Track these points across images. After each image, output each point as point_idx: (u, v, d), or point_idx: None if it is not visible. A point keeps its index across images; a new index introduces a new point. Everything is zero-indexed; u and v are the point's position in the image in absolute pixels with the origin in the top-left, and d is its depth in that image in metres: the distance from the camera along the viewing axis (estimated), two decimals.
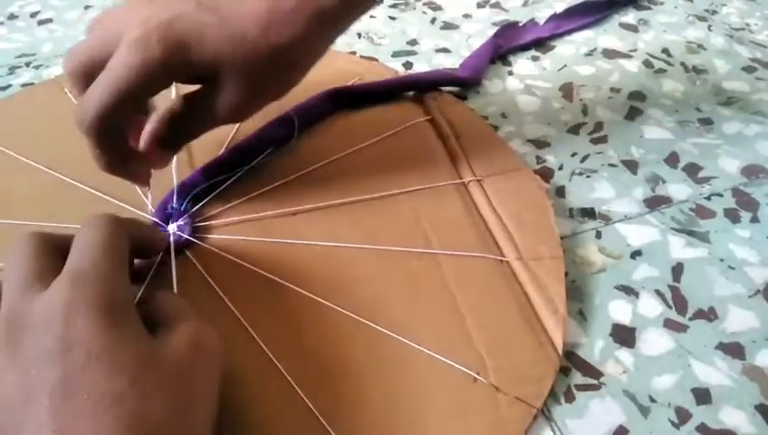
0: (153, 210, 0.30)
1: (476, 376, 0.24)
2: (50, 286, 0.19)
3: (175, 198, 0.30)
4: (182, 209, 0.29)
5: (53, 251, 0.21)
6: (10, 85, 0.40)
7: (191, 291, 0.26)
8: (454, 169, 0.33)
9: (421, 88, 0.38)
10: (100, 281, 0.19)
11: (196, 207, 0.30)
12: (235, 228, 0.29)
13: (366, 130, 0.35)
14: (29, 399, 0.17)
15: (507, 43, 0.43)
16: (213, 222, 0.30)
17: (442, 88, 0.39)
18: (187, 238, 0.28)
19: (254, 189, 0.31)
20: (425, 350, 0.25)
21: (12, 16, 0.48)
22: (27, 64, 0.42)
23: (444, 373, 0.24)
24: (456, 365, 0.24)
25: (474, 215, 0.30)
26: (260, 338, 0.25)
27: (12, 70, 0.42)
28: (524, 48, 0.44)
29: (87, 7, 0.49)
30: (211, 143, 0.33)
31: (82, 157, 0.32)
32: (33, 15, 0.48)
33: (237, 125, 0.35)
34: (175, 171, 0.32)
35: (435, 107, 0.37)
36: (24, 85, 0.40)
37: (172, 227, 0.29)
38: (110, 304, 0.19)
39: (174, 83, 0.26)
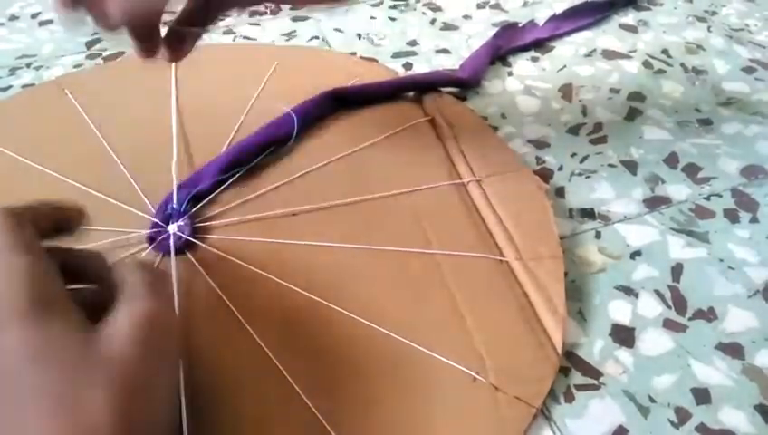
0: (153, 211, 0.30)
1: (476, 376, 0.24)
2: None
3: (175, 198, 0.30)
4: (182, 210, 0.29)
5: None
6: (11, 86, 0.40)
7: (191, 291, 0.26)
8: (453, 169, 0.33)
9: (421, 88, 0.38)
10: (18, 286, 0.17)
11: (196, 208, 0.30)
12: (235, 229, 0.29)
13: (365, 131, 0.35)
14: None
15: (507, 44, 0.43)
16: (213, 223, 0.30)
17: (441, 89, 0.39)
18: (187, 239, 0.28)
19: (254, 190, 0.31)
20: (424, 350, 0.25)
21: (13, 17, 0.48)
22: (28, 65, 0.42)
23: (443, 373, 0.24)
24: (456, 365, 0.24)
25: (473, 215, 0.30)
26: (260, 338, 0.25)
27: (12, 71, 0.42)
28: (524, 49, 0.44)
29: None
30: (211, 143, 0.33)
31: (82, 158, 0.32)
32: (33, 16, 0.48)
33: (237, 126, 0.35)
34: (175, 171, 0.32)
35: (434, 107, 0.37)
36: (24, 86, 0.40)
37: (172, 228, 0.29)
38: (38, 303, 0.17)
39: None
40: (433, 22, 0.47)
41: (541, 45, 0.44)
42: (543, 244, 0.29)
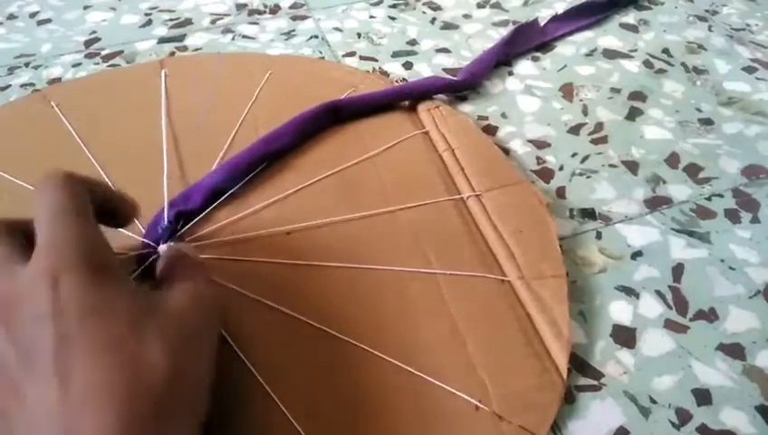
0: (143, 230, 0.28)
1: (478, 404, 0.23)
2: (29, 262, 0.18)
3: (165, 217, 0.28)
4: (173, 229, 0.28)
5: (16, 232, 0.20)
6: (9, 86, 0.40)
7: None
8: (452, 183, 0.32)
9: (417, 97, 0.37)
10: (77, 243, 0.19)
11: (188, 227, 0.29)
12: (227, 248, 0.28)
13: (360, 145, 0.34)
14: (27, 359, 0.17)
15: (513, 50, 0.43)
16: (205, 242, 0.29)
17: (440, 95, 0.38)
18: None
19: (247, 207, 0.30)
20: (424, 376, 0.24)
21: (11, 16, 0.48)
22: (26, 65, 0.42)
23: (444, 401, 0.23)
24: (457, 393, 0.23)
25: (473, 232, 0.30)
26: (252, 364, 0.24)
27: (11, 70, 0.42)
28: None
29: (86, 7, 0.48)
30: (202, 158, 0.32)
31: None
32: (32, 16, 0.48)
33: (229, 140, 0.34)
34: (166, 188, 0.30)
35: (430, 119, 0.36)
36: (23, 85, 0.40)
37: (162, 249, 0.27)
38: (94, 261, 0.19)
39: None
40: (433, 21, 0.47)
41: (541, 45, 0.44)
42: (546, 261, 0.28)
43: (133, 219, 0.24)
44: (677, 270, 0.29)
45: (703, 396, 0.25)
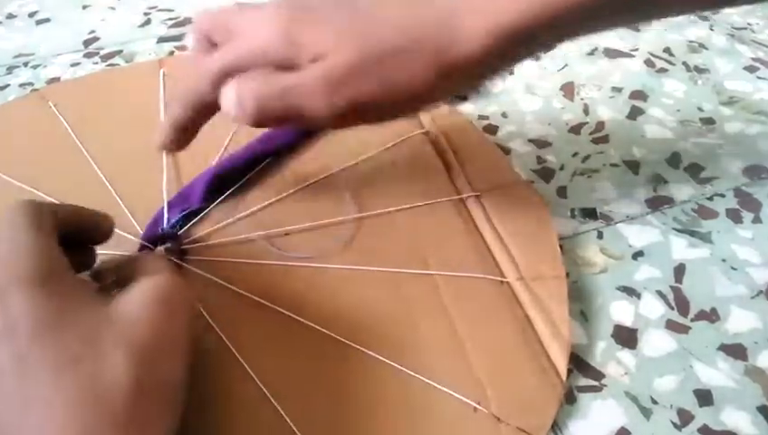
0: (140, 231, 0.28)
1: (477, 406, 0.23)
2: None
3: (165, 218, 0.28)
4: (170, 230, 0.28)
5: None
6: (8, 85, 0.40)
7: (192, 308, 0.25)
8: (451, 184, 0.32)
9: None
10: (24, 258, 0.18)
11: (186, 228, 0.29)
12: (225, 250, 0.28)
13: (360, 145, 0.33)
14: None
15: None
16: (203, 243, 0.28)
17: None
18: (175, 261, 0.27)
19: (246, 207, 0.30)
20: (422, 378, 0.24)
21: (10, 16, 0.48)
22: (25, 64, 0.42)
23: (443, 403, 0.23)
24: (456, 395, 0.23)
25: (472, 232, 0.29)
26: (248, 365, 0.24)
27: (10, 69, 0.41)
28: None
29: (85, 7, 0.48)
30: (201, 158, 0.32)
31: (65, 174, 0.30)
32: (31, 15, 0.48)
33: (228, 139, 0.33)
34: (165, 189, 0.30)
35: (430, 119, 0.35)
36: (21, 85, 0.40)
37: (160, 250, 0.27)
38: (44, 274, 0.18)
39: None
40: None
41: None
42: (545, 262, 0.28)
43: (110, 234, 0.24)
44: (679, 270, 0.29)
45: (704, 396, 0.24)
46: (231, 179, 0.31)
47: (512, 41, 0.23)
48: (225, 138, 0.34)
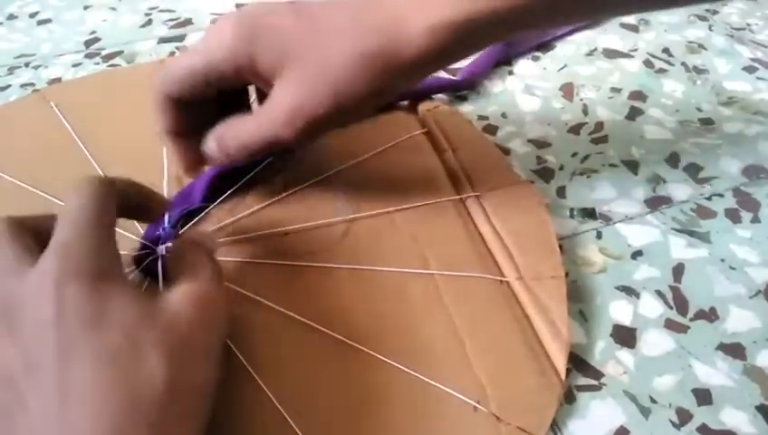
0: (141, 230, 0.28)
1: (477, 405, 0.23)
2: (38, 262, 0.19)
3: (167, 217, 0.28)
4: (172, 229, 0.28)
5: (28, 232, 0.21)
6: (9, 85, 0.40)
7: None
8: (451, 184, 0.32)
9: (416, 97, 0.37)
10: (86, 252, 0.19)
11: (187, 227, 0.29)
12: (225, 249, 0.28)
13: (360, 145, 0.33)
14: (29, 367, 0.17)
15: (513, 50, 0.43)
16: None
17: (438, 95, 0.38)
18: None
19: (246, 207, 0.30)
20: (422, 377, 0.24)
21: (11, 17, 0.48)
22: (26, 65, 0.42)
23: (442, 402, 0.23)
24: (456, 394, 0.23)
25: (472, 232, 0.29)
26: (248, 362, 0.24)
27: (11, 70, 0.42)
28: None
29: (86, 7, 0.49)
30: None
31: (66, 174, 0.29)
32: (32, 16, 0.48)
33: None
34: (165, 189, 0.30)
35: (430, 119, 0.35)
36: (23, 85, 0.40)
37: (161, 249, 0.27)
38: (98, 271, 0.19)
39: None
40: None
41: (541, 44, 0.44)
42: (545, 262, 0.28)
43: (162, 215, 0.26)
44: (678, 270, 0.29)
45: (703, 396, 0.25)
46: (231, 179, 0.31)
47: (454, 36, 0.24)
48: None
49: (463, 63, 0.41)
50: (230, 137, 0.26)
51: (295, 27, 0.24)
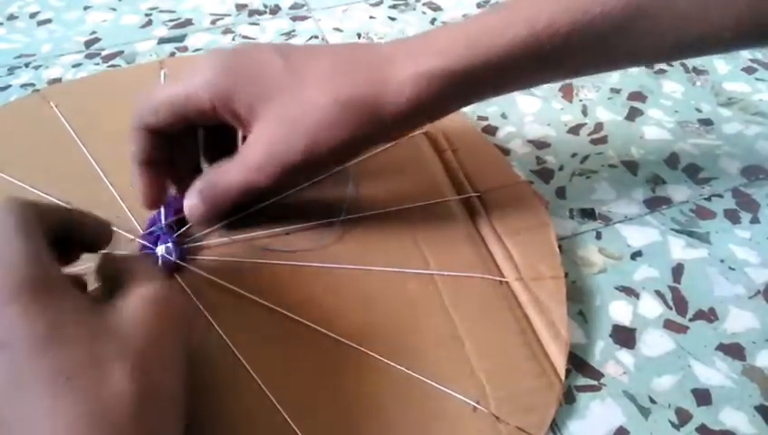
0: (140, 230, 0.28)
1: (476, 405, 0.23)
2: None
3: (163, 217, 0.28)
4: (170, 230, 0.28)
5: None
6: (9, 86, 0.40)
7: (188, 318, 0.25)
8: (451, 184, 0.32)
9: None
10: (18, 264, 0.17)
11: (186, 228, 0.29)
12: (225, 250, 0.28)
13: None
14: None
15: None
16: (203, 243, 0.29)
17: None
18: (175, 261, 0.27)
19: (245, 208, 0.30)
20: (421, 377, 0.24)
21: (11, 17, 0.48)
22: (26, 65, 0.42)
23: (442, 402, 0.23)
24: (455, 394, 0.23)
25: (472, 233, 0.30)
26: (251, 367, 0.24)
27: (11, 70, 0.42)
28: None
29: (86, 8, 0.49)
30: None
31: (66, 174, 0.30)
32: (32, 16, 0.48)
33: None
34: None
35: None
36: (23, 86, 0.40)
37: (160, 250, 0.27)
38: (38, 283, 0.17)
39: None
40: (433, 21, 0.47)
41: None
42: (544, 262, 0.28)
43: (109, 241, 0.23)
44: (677, 270, 0.29)
45: (702, 396, 0.25)
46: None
47: (445, 86, 0.23)
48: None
49: None
50: (208, 188, 0.26)
51: (278, 70, 0.24)
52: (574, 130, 0.37)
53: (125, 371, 0.17)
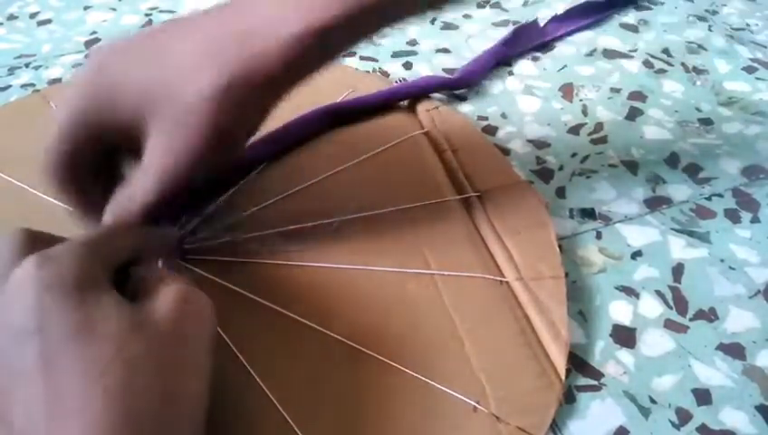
0: None
1: (476, 405, 0.23)
2: (16, 269, 0.18)
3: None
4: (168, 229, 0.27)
5: (40, 247, 0.20)
6: (10, 86, 0.40)
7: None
8: (451, 184, 0.32)
9: (414, 96, 0.37)
10: (67, 257, 0.18)
11: (185, 229, 0.29)
12: (226, 250, 0.28)
13: (359, 146, 0.33)
14: (13, 374, 0.17)
15: (513, 50, 0.43)
16: (203, 244, 0.28)
17: (438, 94, 0.38)
18: (178, 262, 0.27)
19: (245, 208, 0.30)
20: (421, 377, 0.24)
21: (11, 17, 0.48)
22: (27, 65, 0.42)
23: (442, 402, 0.23)
24: (455, 394, 0.23)
25: (472, 232, 0.29)
26: (252, 367, 0.24)
27: (11, 70, 0.42)
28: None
29: (86, 8, 0.49)
30: None
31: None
32: (32, 16, 0.48)
33: None
34: None
35: (430, 119, 0.35)
36: (23, 86, 0.40)
37: None
38: (81, 278, 0.18)
39: None
40: (433, 21, 0.47)
41: (541, 45, 0.44)
42: (544, 262, 0.28)
43: (169, 249, 0.25)
44: (677, 270, 0.29)
45: (703, 396, 0.25)
46: (231, 180, 0.31)
47: (319, 42, 0.22)
48: None
49: (462, 63, 0.41)
50: (119, 210, 0.24)
51: (152, 73, 0.22)
52: (574, 129, 0.37)
53: (152, 369, 0.17)
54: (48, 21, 0.47)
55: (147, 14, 0.47)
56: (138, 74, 0.22)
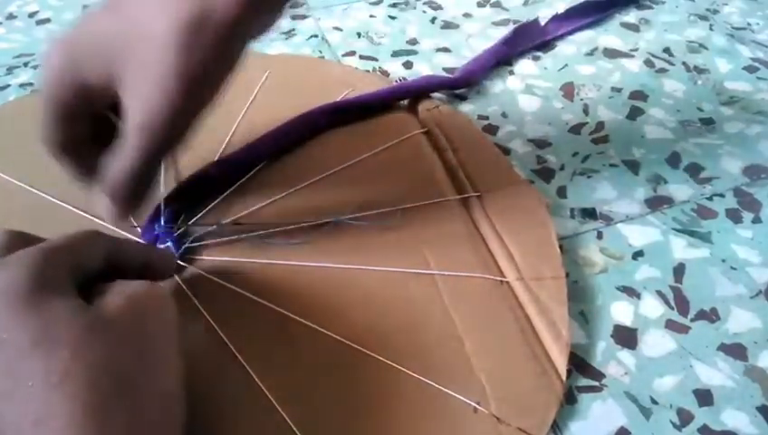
0: (139, 230, 0.28)
1: (477, 406, 0.23)
2: None
3: (162, 218, 0.28)
4: (170, 229, 0.28)
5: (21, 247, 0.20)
6: (8, 85, 0.40)
7: (180, 317, 0.25)
8: (451, 184, 0.32)
9: (414, 95, 0.37)
10: (22, 262, 0.18)
11: (185, 227, 0.29)
12: (225, 249, 0.28)
13: (360, 145, 0.33)
14: None
15: (514, 50, 0.42)
16: (203, 242, 0.28)
17: (438, 93, 0.38)
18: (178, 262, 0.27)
19: (245, 207, 0.30)
20: (422, 378, 0.24)
21: (10, 16, 0.48)
22: (25, 64, 0.42)
23: (442, 403, 0.23)
24: (456, 395, 0.23)
25: (472, 232, 0.29)
26: (251, 368, 0.24)
27: (10, 70, 0.42)
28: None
29: (85, 7, 0.48)
30: (200, 157, 0.31)
31: (65, 174, 0.29)
32: (31, 15, 0.48)
33: (226, 140, 0.33)
34: (163, 188, 0.30)
35: (431, 119, 0.35)
36: (22, 85, 0.40)
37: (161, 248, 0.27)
38: (34, 283, 0.18)
39: None
40: (433, 20, 0.47)
41: (542, 44, 0.44)
42: (545, 262, 0.28)
43: (171, 270, 0.25)
44: (679, 270, 0.29)
45: (704, 396, 0.25)
46: (231, 178, 0.31)
47: None
48: (224, 139, 0.34)
49: (462, 62, 0.41)
50: (110, 181, 0.23)
51: (112, 28, 0.22)
52: (575, 129, 0.37)
53: (114, 369, 0.17)
54: (47, 20, 0.47)
55: None
56: (104, 27, 0.22)
